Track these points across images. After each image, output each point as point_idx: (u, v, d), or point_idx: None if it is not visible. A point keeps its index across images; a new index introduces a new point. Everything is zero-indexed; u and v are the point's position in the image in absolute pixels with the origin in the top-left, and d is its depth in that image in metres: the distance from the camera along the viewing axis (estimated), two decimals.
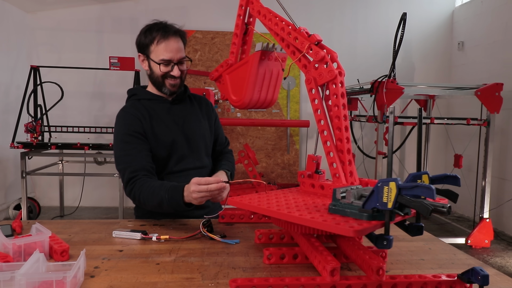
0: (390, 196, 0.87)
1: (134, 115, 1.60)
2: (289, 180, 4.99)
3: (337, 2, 5.07)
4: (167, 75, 1.60)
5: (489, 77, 4.34)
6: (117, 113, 1.65)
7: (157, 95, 1.68)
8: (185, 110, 1.71)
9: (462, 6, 5.09)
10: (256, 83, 1.44)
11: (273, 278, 0.94)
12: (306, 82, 1.27)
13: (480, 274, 0.90)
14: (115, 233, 1.35)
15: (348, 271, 1.08)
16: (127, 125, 1.58)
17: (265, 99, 1.49)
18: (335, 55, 1.24)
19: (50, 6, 4.67)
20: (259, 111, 4.92)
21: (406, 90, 3.60)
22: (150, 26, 1.61)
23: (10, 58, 4.40)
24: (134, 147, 1.55)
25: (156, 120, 1.63)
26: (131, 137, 1.56)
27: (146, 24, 1.64)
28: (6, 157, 4.27)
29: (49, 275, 0.91)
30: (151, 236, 1.32)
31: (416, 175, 0.95)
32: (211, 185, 1.32)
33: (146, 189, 1.46)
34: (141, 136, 1.57)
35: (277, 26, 1.37)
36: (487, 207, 3.70)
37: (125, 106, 1.67)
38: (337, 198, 0.99)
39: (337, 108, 1.21)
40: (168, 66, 1.58)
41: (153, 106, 1.66)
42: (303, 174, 1.26)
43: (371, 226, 0.89)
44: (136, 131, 1.57)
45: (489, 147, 3.68)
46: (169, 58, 1.56)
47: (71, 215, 4.46)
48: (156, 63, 1.57)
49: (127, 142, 1.55)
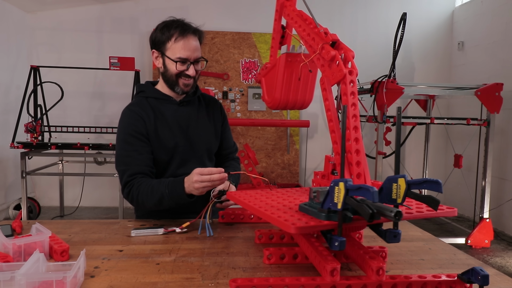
0: (339, 197, 0.85)
1: (138, 114, 1.57)
2: (289, 180, 4.99)
3: (337, 2, 5.07)
4: (181, 74, 1.56)
5: (489, 77, 4.34)
6: (116, 113, 1.64)
7: (166, 95, 1.64)
8: (192, 113, 1.67)
9: (462, 6, 5.09)
10: (284, 85, 1.44)
11: (273, 278, 0.94)
12: (320, 82, 1.26)
13: (480, 274, 0.90)
14: (134, 232, 1.35)
15: (348, 271, 1.08)
16: (131, 125, 1.55)
17: (296, 100, 1.47)
18: (351, 54, 1.21)
19: (50, 6, 4.67)
20: (259, 111, 4.92)
21: (406, 90, 3.60)
22: (168, 23, 1.56)
23: (10, 58, 4.40)
24: (135, 149, 1.53)
25: (161, 121, 1.59)
26: (133, 138, 1.54)
27: (163, 21, 1.59)
28: (6, 157, 4.27)
29: (49, 275, 0.91)
30: (174, 229, 1.36)
31: (392, 178, 0.89)
32: (214, 175, 1.33)
33: (144, 189, 1.46)
34: (143, 138, 1.55)
35: (300, 28, 1.36)
36: (487, 207, 3.70)
37: (131, 103, 1.63)
38: (310, 197, 0.99)
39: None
40: (184, 64, 1.54)
41: (160, 106, 1.62)
42: (318, 175, 1.26)
43: (318, 225, 0.89)
44: (139, 132, 1.54)
45: (489, 147, 3.68)
46: (186, 57, 1.53)
47: (71, 215, 4.47)
48: (173, 61, 1.53)
49: (129, 143, 1.54)
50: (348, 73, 1.16)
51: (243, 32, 4.92)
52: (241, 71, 4.92)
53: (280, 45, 1.55)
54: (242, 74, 4.92)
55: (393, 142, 4.59)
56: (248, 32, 4.93)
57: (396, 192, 0.87)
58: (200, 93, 1.76)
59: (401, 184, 0.86)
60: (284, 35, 1.58)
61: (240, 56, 4.92)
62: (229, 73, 4.90)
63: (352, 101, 1.20)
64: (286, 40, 1.58)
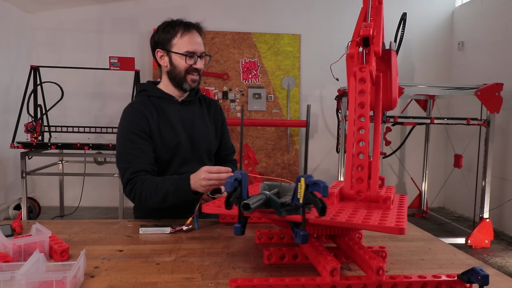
0: (301, 192, 0.92)
1: (141, 112, 1.57)
2: (289, 180, 4.98)
3: (337, 2, 5.07)
4: (190, 69, 1.58)
5: (489, 77, 4.34)
6: (116, 113, 1.65)
7: (168, 94, 1.65)
8: (193, 113, 1.69)
9: (462, 6, 5.09)
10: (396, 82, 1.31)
11: (273, 278, 0.94)
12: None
13: (480, 274, 0.90)
14: (142, 230, 1.37)
15: (348, 271, 1.08)
16: (133, 122, 1.55)
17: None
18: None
19: (50, 6, 4.67)
20: (259, 111, 4.93)
21: (406, 90, 3.60)
22: (169, 22, 1.59)
23: (10, 58, 4.40)
24: (137, 147, 1.53)
25: (163, 120, 1.60)
26: (136, 135, 1.53)
27: (163, 21, 1.62)
28: (6, 157, 4.27)
29: (49, 275, 0.91)
30: (181, 228, 1.38)
31: (298, 178, 0.92)
32: (222, 174, 1.35)
33: (148, 186, 1.47)
34: (146, 136, 1.55)
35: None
36: (487, 207, 3.70)
37: (133, 102, 1.63)
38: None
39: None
40: (192, 58, 1.57)
41: (162, 105, 1.63)
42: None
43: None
44: (141, 130, 1.55)
45: (489, 147, 3.68)
46: (193, 50, 1.56)
47: (71, 215, 4.46)
48: (182, 55, 1.56)
49: (131, 140, 1.53)
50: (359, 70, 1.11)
51: (243, 32, 4.92)
52: (241, 71, 4.92)
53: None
54: (242, 74, 4.92)
55: (393, 142, 4.59)
56: (248, 32, 4.93)
57: (300, 191, 0.91)
58: (201, 94, 1.78)
59: (302, 184, 0.90)
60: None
61: (240, 56, 4.92)
62: (229, 73, 4.90)
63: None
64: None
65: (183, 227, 1.40)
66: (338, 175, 4.67)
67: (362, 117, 1.12)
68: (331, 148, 5.06)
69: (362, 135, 1.11)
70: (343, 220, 0.93)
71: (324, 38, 5.07)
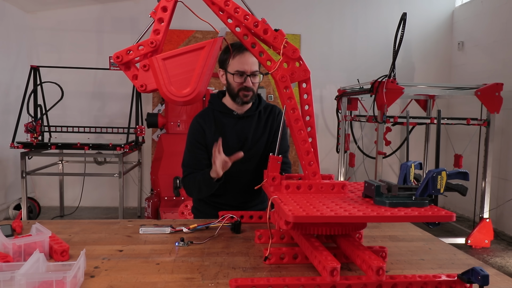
0: (442, 183, 1.10)
1: (201, 126, 1.79)
2: None
3: (337, 2, 5.07)
4: (241, 88, 1.72)
5: (489, 77, 4.34)
6: (116, 113, 1.71)
7: (229, 109, 1.81)
8: (249, 127, 1.82)
9: (462, 6, 5.09)
10: (210, 72, 1.26)
11: (273, 278, 0.94)
12: (279, 79, 1.25)
13: (480, 274, 0.90)
14: (142, 230, 1.38)
15: (348, 271, 1.08)
16: (194, 135, 1.80)
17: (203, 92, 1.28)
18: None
19: (50, 6, 4.67)
20: None
21: (406, 90, 3.60)
22: (228, 45, 1.71)
23: (10, 58, 4.40)
24: (195, 156, 1.79)
25: (220, 133, 1.76)
26: (193, 146, 1.80)
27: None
28: (6, 157, 4.27)
29: (49, 275, 0.91)
30: (181, 228, 1.40)
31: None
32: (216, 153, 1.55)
33: (192, 181, 1.74)
34: (202, 147, 1.79)
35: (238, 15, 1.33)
36: (487, 207, 3.70)
37: (199, 114, 1.85)
38: (368, 191, 1.15)
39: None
40: (241, 77, 1.71)
41: (222, 119, 1.81)
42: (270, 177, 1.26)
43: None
44: (199, 142, 1.79)
45: (489, 147, 3.68)
46: (243, 70, 1.70)
47: (71, 215, 4.46)
48: (231, 74, 1.72)
49: (191, 150, 1.81)
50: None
51: None
52: None
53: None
54: None
55: (393, 142, 4.59)
56: None
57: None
58: (264, 105, 1.89)
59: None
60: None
61: None
62: None
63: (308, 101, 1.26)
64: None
65: (183, 228, 1.40)
66: (338, 175, 4.68)
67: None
68: (331, 148, 5.06)
69: None
70: (402, 214, 1.01)
71: (324, 38, 5.07)
